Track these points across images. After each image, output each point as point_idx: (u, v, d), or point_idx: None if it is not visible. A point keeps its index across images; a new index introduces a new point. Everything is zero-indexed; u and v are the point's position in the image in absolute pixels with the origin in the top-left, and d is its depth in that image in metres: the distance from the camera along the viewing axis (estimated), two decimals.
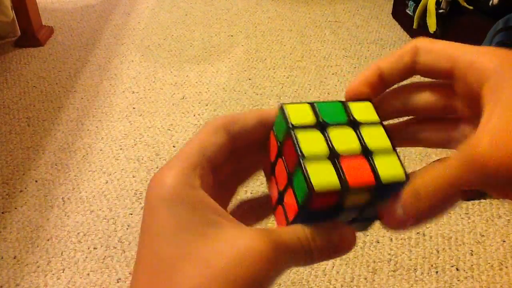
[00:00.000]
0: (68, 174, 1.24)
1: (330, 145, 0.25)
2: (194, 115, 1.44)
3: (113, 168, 1.26)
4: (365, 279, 0.98)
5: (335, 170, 0.24)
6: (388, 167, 0.25)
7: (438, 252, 1.03)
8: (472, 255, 1.03)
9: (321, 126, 0.26)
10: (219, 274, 0.20)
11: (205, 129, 0.25)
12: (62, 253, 1.05)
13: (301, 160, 0.24)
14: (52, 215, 1.13)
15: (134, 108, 1.48)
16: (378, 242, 1.05)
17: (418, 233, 1.07)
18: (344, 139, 0.26)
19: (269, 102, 1.48)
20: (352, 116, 0.27)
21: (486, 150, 0.21)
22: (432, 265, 1.01)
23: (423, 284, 0.97)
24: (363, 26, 1.90)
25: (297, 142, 0.25)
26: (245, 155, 0.28)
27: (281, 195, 0.27)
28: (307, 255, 0.24)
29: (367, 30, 1.87)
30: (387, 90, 0.28)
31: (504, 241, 1.05)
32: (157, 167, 1.26)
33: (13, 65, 1.67)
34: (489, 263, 1.01)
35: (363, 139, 0.26)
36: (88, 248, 1.06)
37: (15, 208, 1.15)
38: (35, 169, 1.25)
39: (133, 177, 1.23)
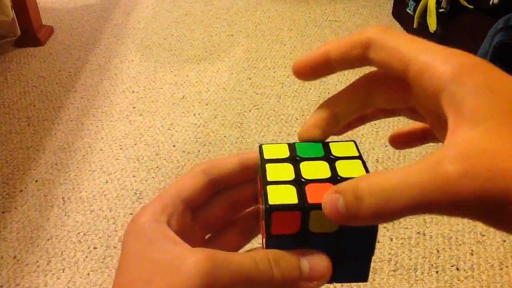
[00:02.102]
0: (68, 174, 1.24)
1: (298, 173, 0.25)
2: (194, 115, 1.44)
3: (113, 167, 1.26)
4: None
5: (297, 191, 0.24)
6: None
7: (438, 251, 1.03)
8: (472, 254, 1.02)
9: (294, 160, 0.26)
10: None
11: (185, 174, 0.28)
12: (62, 253, 1.05)
13: (264, 185, 0.25)
14: (52, 214, 1.13)
15: (134, 107, 1.48)
16: (378, 242, 1.05)
17: (418, 233, 1.07)
18: (314, 169, 0.26)
19: (269, 101, 1.48)
20: (331, 153, 0.27)
21: (454, 172, 0.18)
22: (432, 265, 1.00)
23: (424, 284, 0.97)
24: (364, 26, 1.90)
25: (264, 172, 0.25)
26: (237, 194, 0.29)
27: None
28: (266, 280, 0.23)
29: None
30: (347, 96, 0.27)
31: (504, 241, 1.05)
32: (157, 167, 1.26)
33: (13, 65, 1.67)
34: (489, 262, 1.01)
35: (335, 169, 0.26)
36: (88, 248, 1.06)
37: (15, 208, 1.15)
38: (35, 169, 1.25)
39: (133, 176, 1.23)
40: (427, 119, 0.25)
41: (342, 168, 0.25)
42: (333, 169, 0.25)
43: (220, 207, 0.29)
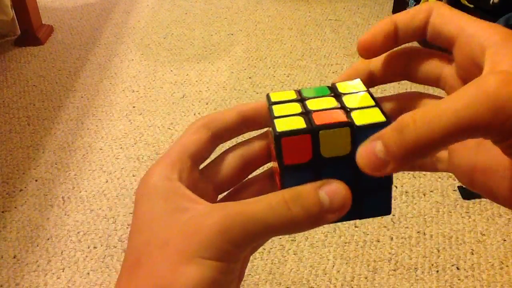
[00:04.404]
0: (68, 173, 1.24)
1: (305, 107, 0.26)
2: (194, 114, 1.44)
3: (113, 167, 1.26)
4: (366, 278, 0.98)
5: (304, 119, 0.24)
6: (366, 115, 0.24)
7: (438, 251, 1.03)
8: (472, 254, 1.02)
9: (301, 100, 0.27)
10: (174, 252, 0.22)
11: (187, 130, 0.28)
12: (62, 252, 1.05)
13: (272, 119, 0.25)
14: (52, 214, 1.13)
15: (134, 107, 1.47)
16: (379, 241, 1.05)
17: (418, 232, 1.07)
18: (321, 103, 0.26)
19: None
20: (338, 90, 0.27)
21: (500, 85, 0.19)
22: (432, 264, 1.00)
23: (424, 283, 0.97)
24: (364, 25, 1.90)
25: (272, 111, 0.26)
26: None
27: (276, 174, 0.27)
28: (286, 221, 0.23)
29: (368, 29, 1.87)
30: (388, 53, 0.28)
31: (504, 240, 1.05)
32: None
33: (13, 64, 1.67)
34: (489, 262, 1.01)
35: (343, 102, 0.26)
36: (88, 247, 1.05)
37: (15, 207, 1.15)
38: (35, 168, 1.25)
39: (133, 176, 1.23)
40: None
41: (350, 101, 0.26)
42: (341, 102, 0.26)
43: (232, 165, 0.28)
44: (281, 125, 0.24)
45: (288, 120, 0.24)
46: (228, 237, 0.22)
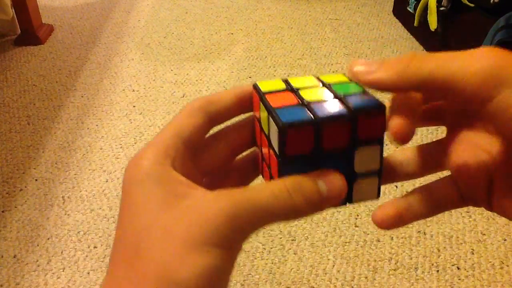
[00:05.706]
0: (68, 173, 1.24)
1: (301, 98, 0.26)
2: None
3: (113, 166, 1.25)
4: (366, 278, 0.98)
5: (307, 109, 0.25)
6: (361, 101, 0.25)
7: (439, 251, 1.03)
8: (473, 253, 1.02)
9: (292, 90, 0.27)
10: (178, 239, 0.21)
11: (182, 112, 0.27)
12: (62, 252, 1.05)
13: (271, 109, 0.25)
14: (52, 214, 1.13)
15: (134, 106, 1.47)
16: (379, 241, 1.05)
17: (419, 232, 1.07)
18: (315, 94, 0.26)
19: None
20: (325, 82, 0.28)
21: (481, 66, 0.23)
22: (433, 264, 1.00)
23: (424, 283, 0.97)
24: (364, 24, 1.90)
25: (267, 102, 0.26)
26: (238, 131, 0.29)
27: (264, 160, 0.27)
28: (288, 209, 0.23)
29: (368, 28, 1.87)
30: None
31: (505, 240, 1.05)
32: None
33: (13, 64, 1.67)
34: (490, 261, 1.01)
35: (334, 91, 0.26)
36: (88, 247, 1.05)
37: (15, 207, 1.15)
38: (35, 168, 1.25)
39: None
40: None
41: (341, 90, 0.26)
42: (332, 91, 0.26)
43: (221, 151, 0.28)
44: (285, 116, 0.24)
45: (290, 111, 0.25)
46: (235, 224, 0.22)
